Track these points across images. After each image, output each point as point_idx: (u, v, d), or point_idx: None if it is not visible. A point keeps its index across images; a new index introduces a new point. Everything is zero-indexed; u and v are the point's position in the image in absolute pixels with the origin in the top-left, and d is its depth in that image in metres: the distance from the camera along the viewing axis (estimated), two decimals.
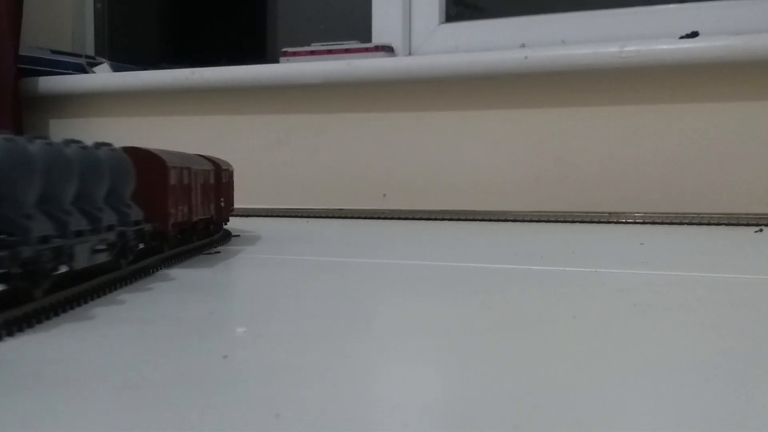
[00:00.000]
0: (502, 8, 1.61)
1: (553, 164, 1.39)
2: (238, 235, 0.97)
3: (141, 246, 0.63)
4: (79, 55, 1.84)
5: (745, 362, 0.38)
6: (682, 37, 1.31)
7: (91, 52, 1.94)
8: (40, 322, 0.44)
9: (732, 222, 1.13)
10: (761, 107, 1.32)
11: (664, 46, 1.30)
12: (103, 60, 1.85)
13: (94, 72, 1.80)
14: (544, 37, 1.47)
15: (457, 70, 1.45)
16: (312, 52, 1.58)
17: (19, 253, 0.42)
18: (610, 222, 1.19)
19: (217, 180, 0.90)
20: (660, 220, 1.17)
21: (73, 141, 0.56)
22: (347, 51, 1.55)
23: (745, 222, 1.13)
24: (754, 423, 0.29)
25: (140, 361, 0.37)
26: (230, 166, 1.02)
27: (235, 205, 0.96)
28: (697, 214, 1.21)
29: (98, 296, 0.53)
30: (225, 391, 0.32)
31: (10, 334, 0.41)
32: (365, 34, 1.61)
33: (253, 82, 1.62)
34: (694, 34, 1.31)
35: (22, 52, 1.72)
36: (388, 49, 1.55)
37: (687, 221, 1.16)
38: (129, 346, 0.41)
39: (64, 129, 1.84)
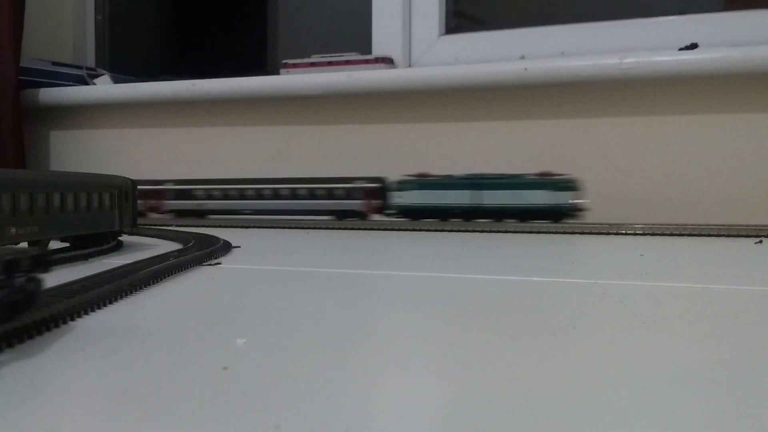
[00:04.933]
0: (502, 20, 1.62)
1: None
2: (239, 247, 0.97)
3: None
4: (80, 67, 1.85)
5: (746, 374, 0.38)
6: (681, 49, 1.31)
7: (91, 63, 1.95)
8: (40, 333, 0.44)
9: (732, 233, 1.13)
10: (760, 119, 1.32)
11: (664, 58, 1.31)
12: (104, 72, 1.86)
13: (94, 84, 1.81)
14: (544, 48, 1.47)
15: (457, 82, 1.46)
16: (312, 64, 1.58)
17: None
18: (610, 233, 1.19)
19: None
20: (660, 232, 1.17)
21: None
22: (347, 63, 1.55)
23: (744, 233, 1.13)
24: None
25: (140, 374, 0.37)
26: None
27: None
28: (697, 225, 1.21)
29: (98, 307, 0.53)
30: (225, 402, 0.32)
31: (10, 345, 0.41)
32: (365, 45, 1.62)
33: (253, 94, 1.62)
34: (693, 46, 1.31)
35: (23, 63, 1.73)
36: (388, 61, 1.55)
37: (687, 233, 1.16)
38: (128, 358, 0.41)
39: (64, 140, 1.84)
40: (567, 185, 1.28)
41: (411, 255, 0.96)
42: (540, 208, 1.28)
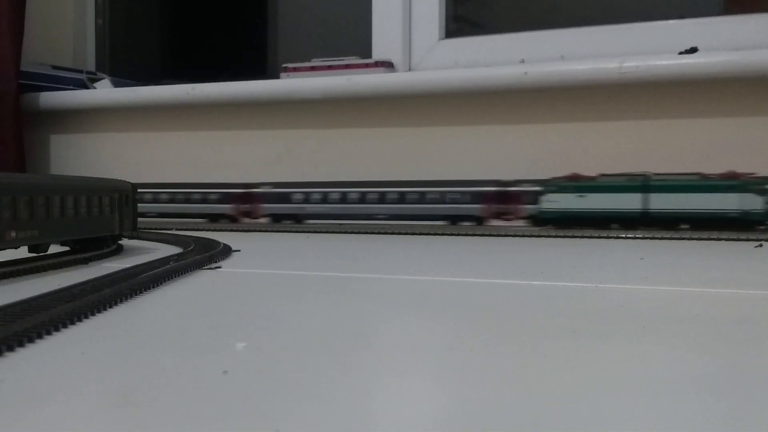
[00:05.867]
0: (502, 24, 1.62)
1: None
2: (239, 251, 0.97)
3: None
4: (80, 71, 1.85)
5: (747, 379, 0.38)
6: (681, 53, 1.31)
7: (92, 67, 1.95)
8: (40, 336, 0.44)
9: (732, 237, 1.13)
10: (760, 122, 1.32)
11: (663, 62, 1.31)
12: (104, 75, 1.86)
13: (95, 87, 1.81)
14: (544, 52, 1.47)
15: (457, 86, 1.46)
16: (312, 68, 1.58)
17: None
18: (610, 237, 1.19)
19: None
20: (660, 235, 1.17)
21: None
22: (347, 66, 1.55)
23: (744, 237, 1.13)
24: None
25: (140, 378, 0.37)
26: None
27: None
28: (697, 228, 1.21)
29: (98, 311, 0.53)
30: (225, 406, 0.32)
31: (11, 348, 0.41)
32: (365, 49, 1.62)
33: (253, 98, 1.62)
34: (693, 50, 1.31)
35: (24, 68, 1.73)
36: (388, 65, 1.55)
37: (687, 236, 1.16)
38: (128, 362, 0.41)
39: (64, 144, 1.84)
40: (763, 188, 1.16)
41: (409, 259, 0.96)
42: (727, 215, 1.16)
